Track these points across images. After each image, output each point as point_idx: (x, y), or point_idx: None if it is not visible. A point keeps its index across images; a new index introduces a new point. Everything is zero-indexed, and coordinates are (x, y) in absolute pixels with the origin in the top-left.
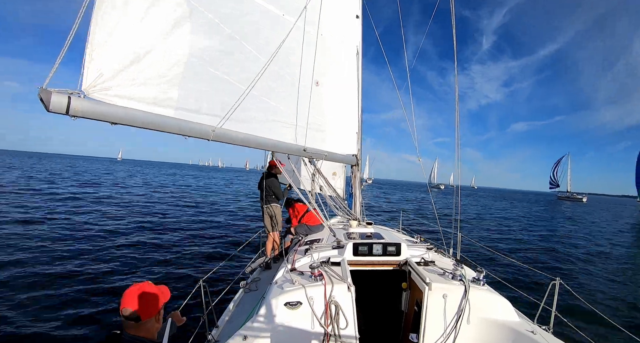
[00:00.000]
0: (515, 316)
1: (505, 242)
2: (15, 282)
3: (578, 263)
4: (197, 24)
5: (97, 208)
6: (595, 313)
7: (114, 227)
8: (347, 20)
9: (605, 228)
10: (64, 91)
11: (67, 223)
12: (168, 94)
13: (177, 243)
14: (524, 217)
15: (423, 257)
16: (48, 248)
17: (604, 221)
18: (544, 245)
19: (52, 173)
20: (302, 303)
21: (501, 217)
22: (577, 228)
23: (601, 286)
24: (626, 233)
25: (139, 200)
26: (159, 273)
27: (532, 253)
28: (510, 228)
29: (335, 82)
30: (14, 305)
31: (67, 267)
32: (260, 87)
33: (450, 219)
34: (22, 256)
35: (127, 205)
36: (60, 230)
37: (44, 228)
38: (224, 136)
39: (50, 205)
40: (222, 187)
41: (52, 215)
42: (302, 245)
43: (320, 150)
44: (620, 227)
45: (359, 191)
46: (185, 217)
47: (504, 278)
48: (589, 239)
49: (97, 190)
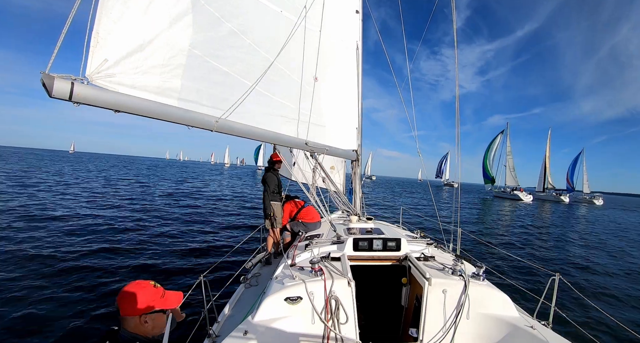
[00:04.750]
0: (515, 311)
1: (499, 239)
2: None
3: (577, 258)
4: (199, 17)
5: (90, 203)
6: (594, 308)
7: (111, 222)
8: (346, 15)
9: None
10: (67, 77)
11: (69, 219)
12: (170, 84)
13: (177, 238)
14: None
15: (423, 252)
16: (50, 242)
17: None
18: (542, 242)
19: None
20: (302, 298)
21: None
22: (574, 224)
23: (601, 281)
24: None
25: (131, 195)
26: (159, 269)
27: (530, 249)
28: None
29: (335, 77)
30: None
31: (70, 263)
32: (262, 81)
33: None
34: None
35: (122, 200)
36: (64, 227)
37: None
38: (227, 127)
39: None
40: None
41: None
42: (302, 241)
43: (322, 145)
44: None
45: (359, 186)
46: (185, 214)
47: (504, 274)
48: (586, 238)
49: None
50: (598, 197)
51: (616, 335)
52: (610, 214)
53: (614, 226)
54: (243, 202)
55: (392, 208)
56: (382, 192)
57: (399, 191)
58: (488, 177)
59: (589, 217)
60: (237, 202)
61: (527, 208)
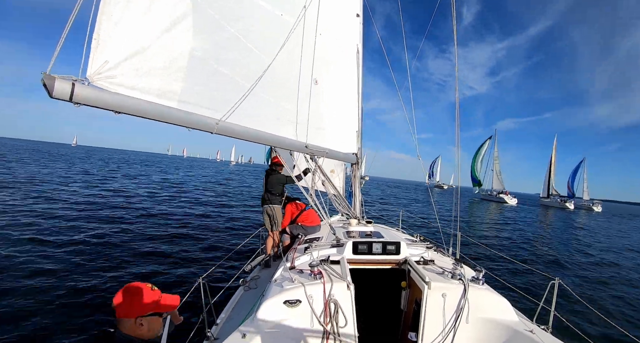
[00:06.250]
0: (514, 315)
1: (501, 242)
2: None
3: (577, 263)
4: (199, 20)
5: (87, 201)
6: (593, 313)
7: (108, 222)
8: (347, 19)
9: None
10: (67, 77)
11: (63, 218)
12: (171, 86)
13: (177, 241)
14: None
15: (422, 256)
16: (39, 244)
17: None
18: (542, 247)
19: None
20: (301, 301)
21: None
22: (571, 229)
23: (600, 286)
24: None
25: (124, 194)
26: (158, 271)
27: (530, 254)
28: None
29: (335, 80)
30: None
31: (64, 264)
32: (263, 83)
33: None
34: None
35: (119, 199)
36: (54, 224)
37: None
38: (228, 130)
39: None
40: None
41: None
42: (301, 244)
43: (322, 148)
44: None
45: (359, 190)
46: (184, 215)
47: (503, 278)
48: (586, 243)
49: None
50: (597, 204)
51: (615, 339)
52: (606, 220)
53: (613, 232)
54: (243, 202)
55: (390, 210)
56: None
57: (389, 193)
58: (475, 180)
59: (587, 223)
60: (237, 202)
61: (518, 211)
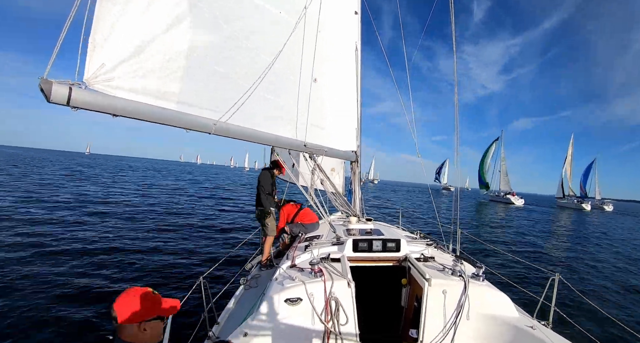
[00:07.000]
0: (515, 311)
1: (503, 239)
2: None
3: (577, 259)
4: (197, 20)
5: (93, 207)
6: (594, 308)
7: (111, 225)
8: (345, 17)
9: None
10: (65, 82)
11: (66, 221)
12: (169, 88)
13: (177, 240)
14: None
15: (423, 253)
16: (43, 247)
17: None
18: (543, 242)
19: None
20: (302, 299)
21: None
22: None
23: (600, 281)
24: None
25: (130, 197)
26: (159, 271)
27: (531, 250)
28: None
29: (334, 78)
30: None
31: (64, 268)
32: (261, 83)
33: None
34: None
35: (121, 201)
36: (57, 228)
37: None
38: (226, 130)
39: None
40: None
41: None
42: (302, 242)
43: (321, 146)
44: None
45: (359, 188)
46: (185, 214)
47: (504, 274)
48: (589, 239)
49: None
50: (608, 204)
51: (616, 334)
52: (616, 219)
53: (622, 230)
54: (244, 203)
55: (390, 208)
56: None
57: (395, 198)
58: (483, 182)
59: (597, 222)
60: (238, 203)
61: (522, 211)
